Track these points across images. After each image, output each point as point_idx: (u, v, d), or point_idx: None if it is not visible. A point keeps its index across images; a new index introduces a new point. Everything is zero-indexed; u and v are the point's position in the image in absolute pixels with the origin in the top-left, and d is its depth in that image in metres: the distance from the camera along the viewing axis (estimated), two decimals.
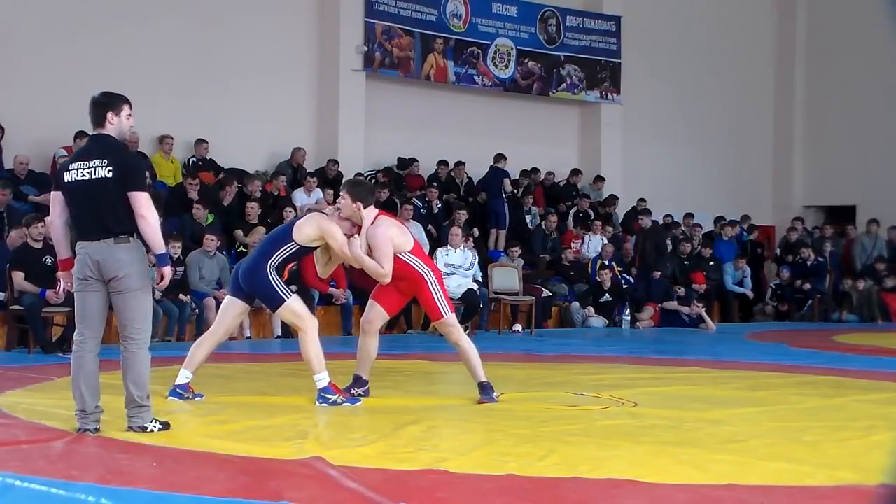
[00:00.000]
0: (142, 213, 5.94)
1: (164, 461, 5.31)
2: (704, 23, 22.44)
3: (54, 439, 5.81)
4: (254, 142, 16.62)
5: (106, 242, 5.93)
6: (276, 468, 5.18)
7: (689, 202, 20.83)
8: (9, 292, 11.18)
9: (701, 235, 19.64)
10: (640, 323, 16.58)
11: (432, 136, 18.74)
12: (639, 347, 13.44)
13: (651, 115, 21.70)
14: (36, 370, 9.06)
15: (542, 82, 20.24)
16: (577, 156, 21.13)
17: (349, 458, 5.35)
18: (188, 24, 16.25)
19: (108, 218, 5.93)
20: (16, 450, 5.56)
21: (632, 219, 19.82)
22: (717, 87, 22.53)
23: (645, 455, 5.64)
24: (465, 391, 7.84)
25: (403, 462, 5.34)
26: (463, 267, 14.42)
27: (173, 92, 15.94)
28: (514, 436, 6.16)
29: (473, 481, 5.01)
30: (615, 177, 20.74)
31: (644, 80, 21.41)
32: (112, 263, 5.92)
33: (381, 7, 17.98)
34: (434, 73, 18.78)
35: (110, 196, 5.92)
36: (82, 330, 6.07)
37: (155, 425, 6.04)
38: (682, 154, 22.09)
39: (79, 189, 5.96)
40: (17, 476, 4.76)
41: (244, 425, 6.46)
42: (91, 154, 6.02)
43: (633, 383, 8.90)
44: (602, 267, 16.77)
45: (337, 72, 17.62)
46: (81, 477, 4.87)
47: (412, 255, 7.52)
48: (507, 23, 19.75)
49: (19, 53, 14.70)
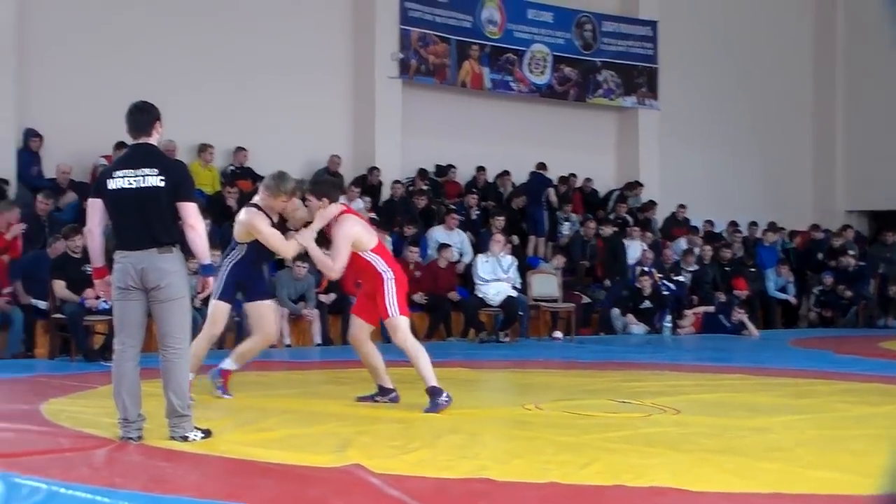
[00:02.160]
0: (191, 223, 5.94)
1: (206, 470, 5.31)
2: (741, 25, 22.30)
3: (97, 447, 5.83)
4: (291, 150, 16.67)
5: (150, 252, 5.90)
6: (318, 476, 5.17)
7: (727, 207, 20.69)
8: (51, 301, 11.29)
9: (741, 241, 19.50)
10: (681, 329, 16.47)
11: (469, 143, 18.73)
12: (680, 354, 13.35)
13: (689, 120, 21.57)
14: (78, 378, 9.12)
15: (579, 88, 20.19)
16: (615, 161, 21.06)
17: (391, 465, 5.33)
18: (226, 34, 16.34)
19: (157, 227, 5.91)
20: (60, 457, 5.60)
21: (671, 224, 19.72)
22: (756, 90, 22.36)
23: (688, 463, 5.58)
24: (507, 399, 7.82)
25: (445, 470, 5.31)
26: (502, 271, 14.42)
27: (211, 101, 16.03)
28: (555, 443, 6.12)
29: (515, 489, 4.97)
30: (653, 182, 20.63)
31: (681, 85, 21.29)
32: (155, 273, 5.90)
33: (416, 14, 18.00)
34: (470, 79, 18.77)
35: (160, 205, 5.91)
36: (122, 339, 6.07)
37: (196, 434, 6.03)
38: (721, 158, 21.93)
39: (125, 197, 5.92)
40: (62, 483, 4.79)
41: (285, 433, 6.46)
42: (138, 162, 5.96)
43: (675, 390, 8.82)
44: (642, 273, 16.68)
45: (373, 79, 17.66)
46: (124, 485, 4.88)
47: (374, 255, 7.57)
48: (542, 29, 19.71)
49: (58, 62, 14.82)
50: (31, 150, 14.31)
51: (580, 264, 17.23)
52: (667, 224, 19.79)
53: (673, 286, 17.20)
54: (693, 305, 17.03)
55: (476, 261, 14.74)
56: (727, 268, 18.21)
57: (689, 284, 17.45)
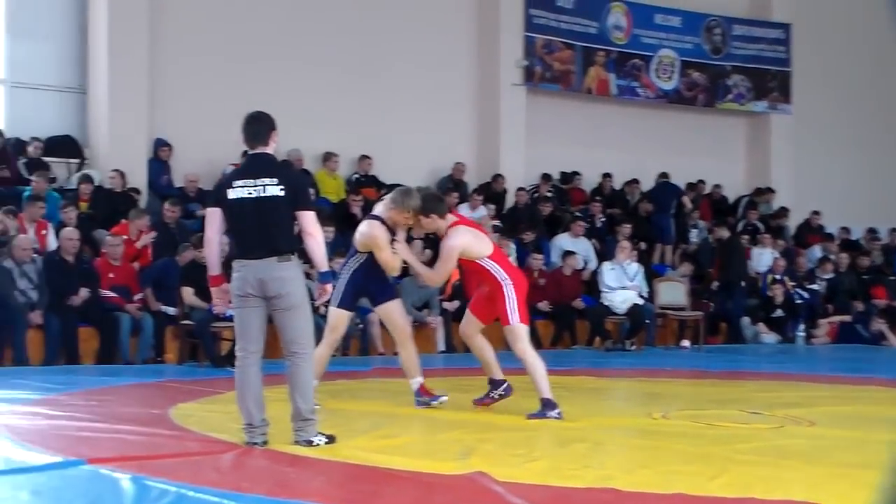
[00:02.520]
0: (310, 231, 5.98)
1: (331, 475, 5.32)
2: (878, 26, 21.54)
3: (224, 451, 5.91)
4: (415, 157, 16.77)
5: (269, 261, 5.94)
6: (441, 483, 5.13)
7: (864, 213, 20.02)
8: (180, 307, 11.54)
9: (880, 248, 18.85)
10: (815, 339, 15.99)
11: (594, 150, 18.56)
12: (815, 364, 12.94)
13: (823, 124, 20.93)
14: (206, 383, 9.28)
15: (708, 93, 19.83)
16: (745, 167, 20.61)
17: (514, 474, 5.26)
18: (350, 44, 16.53)
19: (277, 236, 5.95)
20: (188, 461, 5.68)
21: (805, 231, 19.19)
22: (895, 91, 21.56)
23: (824, 477, 5.37)
24: (633, 408, 7.67)
25: (569, 479, 5.21)
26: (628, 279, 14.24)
27: (337, 110, 16.24)
28: (682, 454, 5.96)
29: (641, 500, 4.86)
30: (786, 188, 20.10)
31: (816, 88, 20.69)
32: (275, 282, 5.94)
33: (541, 21, 17.92)
34: (596, 86, 18.60)
35: (280, 214, 5.95)
36: (244, 345, 6.13)
37: (321, 439, 6.04)
38: (858, 163, 21.22)
39: (245, 207, 5.96)
40: (190, 486, 4.86)
41: (408, 440, 6.46)
42: (258, 172, 6.02)
43: (809, 401, 8.52)
44: (773, 281, 16.26)
45: (497, 87, 17.64)
46: (250, 489, 4.92)
47: (491, 262, 7.54)
48: (670, 34, 19.42)
49: (187, 73, 15.20)
50: (161, 160, 14.71)
51: (708, 272, 16.89)
52: (800, 231, 19.27)
53: (806, 294, 16.72)
54: (828, 314, 16.53)
55: (602, 268, 14.57)
56: (865, 276, 17.62)
57: (824, 293, 16.95)
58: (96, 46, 14.61)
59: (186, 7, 15.29)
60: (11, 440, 6.11)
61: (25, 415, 7.21)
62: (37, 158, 13.81)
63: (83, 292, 11.16)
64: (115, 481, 5.02)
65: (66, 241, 11.50)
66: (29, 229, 11.91)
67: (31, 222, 12.02)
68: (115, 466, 5.31)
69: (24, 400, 7.95)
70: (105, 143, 14.31)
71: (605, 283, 14.31)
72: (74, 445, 5.99)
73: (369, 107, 16.62)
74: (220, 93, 15.31)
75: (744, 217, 18.91)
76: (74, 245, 11.38)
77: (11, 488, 4.95)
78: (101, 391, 8.57)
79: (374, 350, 12.70)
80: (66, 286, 11.32)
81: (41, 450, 5.81)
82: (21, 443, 6.02)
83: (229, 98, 15.30)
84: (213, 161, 14.76)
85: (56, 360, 11.00)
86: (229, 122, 15.55)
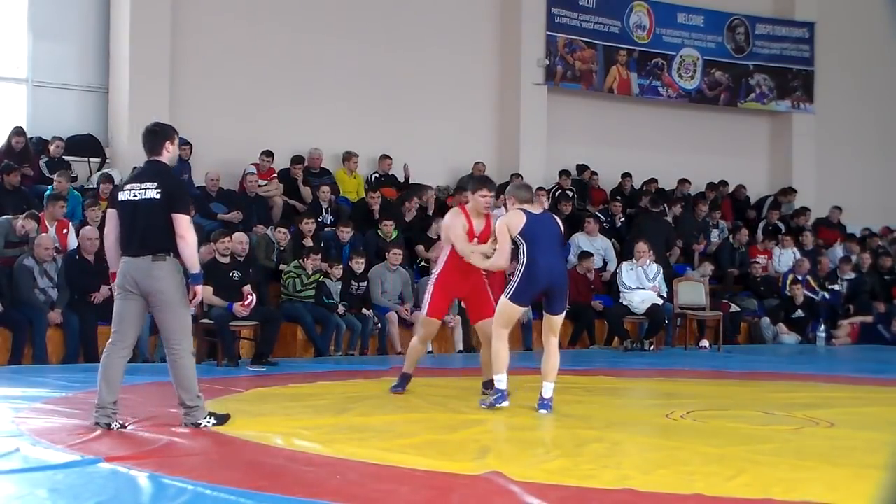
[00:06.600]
0: (182, 233, 6.40)
1: (348, 474, 5.32)
2: None
3: (241, 450, 5.95)
4: (436, 156, 16.76)
5: (145, 259, 6.39)
6: (458, 483, 5.13)
7: (888, 214, 19.88)
8: (199, 306, 11.54)
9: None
10: (836, 340, 15.89)
11: (615, 149, 18.49)
12: (835, 365, 12.85)
13: (847, 124, 20.78)
14: (224, 382, 9.29)
15: (730, 92, 19.73)
16: (767, 167, 20.50)
17: (531, 474, 5.25)
18: (370, 43, 16.53)
19: (152, 236, 6.40)
20: (205, 459, 5.74)
21: (822, 225, 19.10)
22: None
23: (843, 478, 5.34)
24: (651, 408, 7.64)
25: (586, 479, 5.20)
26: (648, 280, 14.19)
27: (357, 109, 16.25)
28: (700, 454, 5.95)
29: (659, 500, 4.85)
30: (808, 188, 19.98)
31: (839, 88, 20.55)
32: (148, 279, 6.39)
33: (563, 20, 17.88)
34: (617, 85, 18.54)
35: (156, 216, 6.39)
36: (115, 334, 6.57)
37: (210, 420, 6.54)
38: (881, 163, 21.07)
39: (128, 208, 6.49)
40: (208, 485, 4.90)
41: (425, 439, 6.45)
42: (144, 177, 6.53)
43: (828, 403, 8.47)
44: (794, 281, 16.17)
45: (518, 86, 17.61)
46: (269, 488, 4.94)
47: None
48: (692, 33, 19.33)
49: (208, 73, 15.22)
50: (182, 159, 14.68)
51: (728, 272, 16.81)
52: (816, 226, 19.09)
53: (827, 295, 16.62)
54: (849, 315, 16.43)
55: (621, 268, 14.52)
56: (887, 276, 17.50)
57: (845, 293, 16.83)
58: (118, 46, 14.66)
59: (208, 7, 15.32)
60: (30, 438, 6.15)
61: (44, 413, 7.26)
62: (58, 157, 13.87)
63: (103, 291, 11.20)
64: (132, 479, 5.05)
65: (86, 240, 11.55)
66: (50, 228, 11.96)
67: (52, 221, 12.07)
68: (133, 464, 5.35)
69: (43, 398, 8.01)
70: (126, 142, 14.35)
71: (624, 282, 14.25)
72: (92, 444, 6.02)
73: (389, 106, 16.62)
74: (240, 92, 15.36)
75: (765, 217, 18.79)
76: (94, 244, 11.43)
77: (30, 486, 4.99)
78: (120, 389, 8.58)
79: (393, 350, 12.70)
80: (86, 285, 11.38)
81: (59, 448, 5.84)
82: (39, 441, 6.06)
83: (250, 97, 15.38)
84: (234, 160, 14.80)
85: (75, 359, 11.05)
86: (250, 122, 15.67)
